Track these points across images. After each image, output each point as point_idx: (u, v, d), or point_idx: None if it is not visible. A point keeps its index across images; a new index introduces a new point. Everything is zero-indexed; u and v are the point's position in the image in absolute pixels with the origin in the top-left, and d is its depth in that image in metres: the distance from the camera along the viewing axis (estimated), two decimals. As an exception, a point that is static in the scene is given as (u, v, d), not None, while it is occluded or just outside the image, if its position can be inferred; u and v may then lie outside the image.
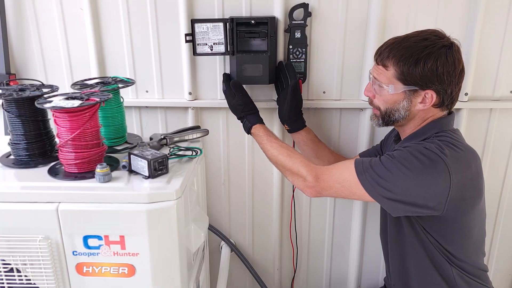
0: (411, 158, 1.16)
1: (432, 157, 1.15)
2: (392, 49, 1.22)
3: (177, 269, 1.14)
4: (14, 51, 1.66)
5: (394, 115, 1.27)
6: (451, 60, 1.19)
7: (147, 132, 1.75)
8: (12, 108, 1.22)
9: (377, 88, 1.28)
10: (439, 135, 1.24)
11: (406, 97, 1.23)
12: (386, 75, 1.23)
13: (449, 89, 1.21)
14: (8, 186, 1.14)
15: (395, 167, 1.17)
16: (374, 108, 1.32)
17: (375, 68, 1.28)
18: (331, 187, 1.25)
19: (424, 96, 1.22)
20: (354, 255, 1.89)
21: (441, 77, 1.19)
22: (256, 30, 1.52)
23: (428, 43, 1.19)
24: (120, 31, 1.61)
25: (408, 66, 1.19)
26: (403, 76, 1.20)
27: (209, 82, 1.66)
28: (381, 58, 1.24)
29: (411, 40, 1.21)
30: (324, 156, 1.63)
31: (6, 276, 1.11)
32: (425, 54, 1.18)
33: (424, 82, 1.19)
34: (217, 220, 1.88)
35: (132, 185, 1.12)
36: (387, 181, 1.17)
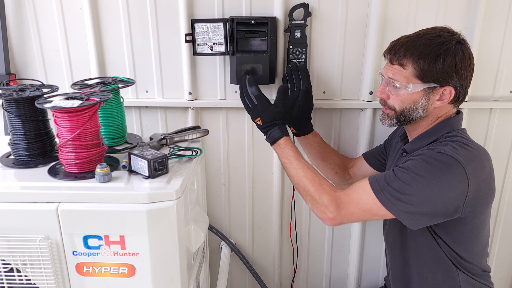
0: (426, 166, 1.15)
1: (448, 161, 1.14)
2: (408, 47, 1.20)
3: (177, 269, 1.14)
4: (14, 51, 1.66)
5: (412, 114, 1.24)
6: (467, 55, 1.20)
7: (147, 132, 1.75)
8: (12, 108, 1.22)
9: (392, 89, 1.25)
10: (450, 135, 1.23)
11: (424, 95, 1.21)
12: (404, 74, 1.21)
13: (465, 84, 1.22)
14: (8, 186, 1.14)
15: (412, 179, 1.15)
16: (388, 108, 1.29)
17: (389, 68, 1.25)
18: (352, 214, 1.22)
19: (442, 93, 1.21)
20: (354, 255, 1.89)
21: (459, 72, 1.19)
22: (256, 30, 1.52)
23: (443, 40, 1.18)
24: (120, 31, 1.61)
25: (428, 63, 1.17)
26: (423, 74, 1.19)
27: (209, 82, 1.66)
28: (397, 57, 1.21)
29: (425, 37, 1.20)
30: (330, 159, 1.63)
31: (6, 276, 1.11)
32: (443, 50, 1.17)
33: (444, 78, 1.19)
34: (217, 220, 1.88)
35: (132, 185, 1.12)
36: (407, 195, 1.15)
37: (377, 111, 1.67)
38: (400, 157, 1.38)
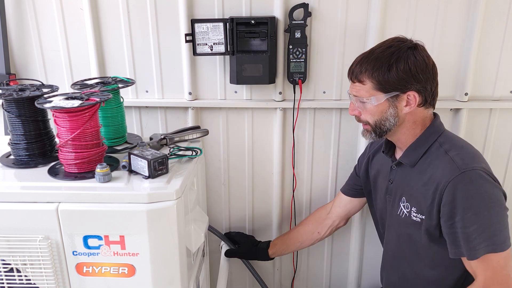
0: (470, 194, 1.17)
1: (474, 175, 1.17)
2: (362, 64, 1.24)
3: (177, 269, 1.14)
4: (14, 51, 1.66)
5: (385, 125, 1.26)
6: (420, 58, 1.22)
7: (147, 132, 1.75)
8: (12, 108, 1.22)
9: (360, 105, 1.28)
10: (442, 141, 1.26)
11: (390, 104, 1.24)
12: (365, 89, 1.24)
13: (427, 85, 1.23)
14: (8, 186, 1.14)
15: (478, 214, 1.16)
16: (364, 124, 1.31)
17: (352, 87, 1.28)
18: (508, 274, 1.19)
19: (407, 99, 1.23)
20: (354, 255, 1.89)
21: (416, 76, 1.21)
22: (256, 30, 1.52)
23: (393, 50, 1.22)
24: (120, 31, 1.61)
25: (382, 74, 1.21)
26: (381, 85, 1.22)
27: (209, 82, 1.66)
28: (355, 75, 1.26)
29: (377, 51, 1.24)
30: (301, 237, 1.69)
31: (6, 276, 1.11)
32: (394, 59, 1.20)
33: (402, 85, 1.21)
34: (217, 220, 1.88)
35: (132, 185, 1.12)
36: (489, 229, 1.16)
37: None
38: (390, 170, 1.38)
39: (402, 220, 1.33)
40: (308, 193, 1.83)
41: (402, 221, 1.33)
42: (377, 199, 1.48)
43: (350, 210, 1.65)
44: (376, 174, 1.47)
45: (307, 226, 1.69)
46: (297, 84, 1.60)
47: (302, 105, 1.65)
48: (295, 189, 1.79)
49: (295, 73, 1.59)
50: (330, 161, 1.77)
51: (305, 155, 1.76)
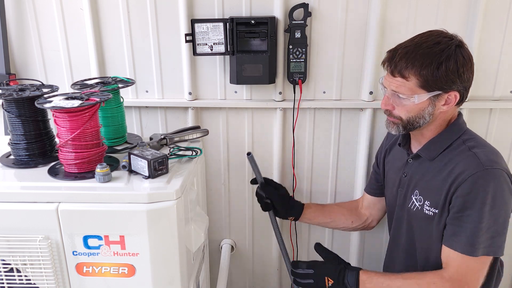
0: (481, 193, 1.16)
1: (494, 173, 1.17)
2: (408, 58, 1.18)
3: (177, 269, 1.14)
4: (14, 51, 1.66)
5: (419, 122, 1.24)
6: (467, 57, 1.20)
7: (147, 132, 1.75)
8: (12, 108, 1.22)
9: (397, 100, 1.23)
10: (466, 138, 1.25)
11: (430, 103, 1.21)
12: (408, 86, 1.19)
13: (467, 85, 1.23)
14: (8, 186, 1.15)
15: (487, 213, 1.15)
16: (393, 118, 1.27)
17: (391, 81, 1.22)
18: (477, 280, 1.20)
19: (447, 98, 1.21)
20: (354, 255, 1.89)
21: (462, 76, 1.19)
22: (256, 30, 1.52)
23: (443, 46, 1.17)
24: (120, 31, 1.61)
25: (431, 72, 1.16)
26: (427, 83, 1.17)
27: (209, 82, 1.66)
28: (398, 69, 1.19)
29: (424, 46, 1.18)
30: (338, 217, 1.61)
31: (6, 276, 1.11)
32: (444, 58, 1.16)
33: (448, 85, 1.18)
34: (217, 220, 1.88)
35: (132, 185, 1.12)
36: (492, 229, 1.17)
37: (377, 111, 1.67)
38: (406, 164, 1.36)
39: (413, 213, 1.32)
40: (308, 193, 1.83)
41: (413, 214, 1.32)
42: (388, 193, 1.48)
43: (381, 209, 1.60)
44: (389, 169, 1.47)
45: (344, 210, 1.63)
46: (297, 84, 1.60)
47: (302, 105, 1.65)
48: (295, 189, 1.79)
49: (295, 73, 1.59)
50: (330, 161, 1.77)
51: (305, 155, 1.76)
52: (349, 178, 1.78)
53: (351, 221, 1.61)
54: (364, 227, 1.64)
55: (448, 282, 1.20)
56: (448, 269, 1.21)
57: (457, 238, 1.20)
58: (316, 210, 1.59)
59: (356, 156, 1.75)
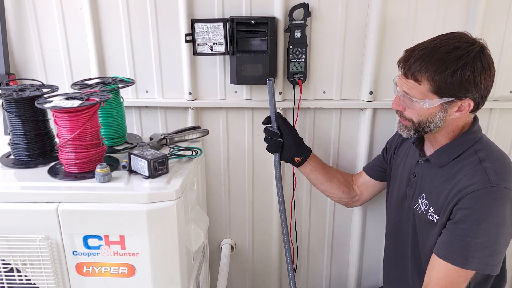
0: (483, 209, 1.14)
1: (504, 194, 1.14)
2: (423, 62, 1.15)
3: (177, 269, 1.14)
4: (14, 51, 1.66)
5: (429, 126, 1.21)
6: (487, 66, 1.15)
7: (147, 132, 1.75)
8: (12, 108, 1.22)
9: (408, 102, 1.21)
10: (478, 148, 1.22)
11: (442, 108, 1.18)
12: (420, 89, 1.17)
13: (484, 94, 1.18)
14: (8, 186, 1.14)
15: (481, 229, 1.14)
16: (405, 120, 1.26)
17: (404, 82, 1.20)
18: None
19: (461, 105, 1.18)
20: (354, 255, 1.89)
21: (478, 85, 1.14)
22: (256, 30, 1.52)
23: (461, 53, 1.13)
24: (120, 31, 1.61)
25: (445, 79, 1.13)
26: (440, 90, 1.15)
27: (209, 82, 1.66)
28: (411, 72, 1.16)
29: (442, 50, 1.14)
30: (335, 178, 1.61)
31: (6, 276, 1.11)
32: (461, 65, 1.12)
33: (462, 92, 1.15)
34: (217, 220, 1.88)
35: (132, 185, 1.12)
36: (489, 246, 1.15)
37: (377, 111, 1.67)
38: (416, 164, 1.36)
39: (418, 215, 1.32)
40: (308, 193, 1.83)
41: (417, 216, 1.33)
42: (395, 188, 1.46)
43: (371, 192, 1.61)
44: (400, 163, 1.45)
45: (340, 177, 1.62)
46: (297, 84, 1.60)
47: (302, 105, 1.65)
48: (295, 189, 1.79)
49: (295, 73, 1.59)
50: (330, 161, 1.77)
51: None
52: (349, 178, 1.78)
53: (342, 191, 1.61)
54: (347, 203, 1.64)
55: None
56: (431, 283, 1.21)
57: (449, 248, 1.18)
58: (320, 162, 1.58)
59: (356, 156, 1.75)
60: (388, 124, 1.68)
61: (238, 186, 1.83)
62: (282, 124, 1.46)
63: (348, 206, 1.69)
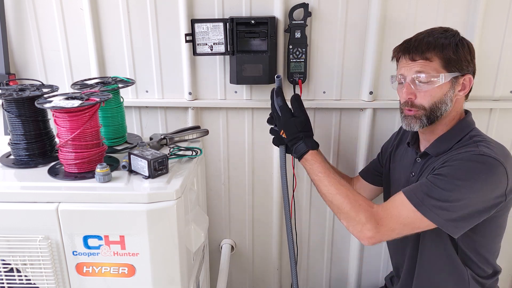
0: (469, 170, 1.13)
1: (491, 162, 1.12)
2: (428, 42, 1.21)
3: (177, 269, 1.14)
4: (14, 51, 1.66)
5: (441, 108, 1.22)
6: (471, 44, 1.25)
7: (147, 132, 1.75)
8: (12, 108, 1.22)
9: (419, 86, 1.22)
10: (473, 134, 1.24)
11: (451, 86, 1.22)
12: (432, 66, 1.20)
13: (475, 71, 1.26)
14: (8, 186, 1.14)
15: (454, 185, 1.12)
16: (416, 109, 1.24)
17: (412, 65, 1.22)
18: (393, 230, 1.17)
19: (463, 83, 1.23)
20: (354, 255, 1.89)
21: (472, 60, 1.24)
22: (256, 30, 1.52)
23: (453, 32, 1.23)
24: (120, 31, 1.61)
25: (452, 52, 1.19)
26: (449, 63, 1.20)
27: (209, 82, 1.66)
28: (420, 51, 1.21)
29: (436, 32, 1.23)
30: None
31: (6, 276, 1.11)
32: (458, 40, 1.21)
33: (465, 66, 1.22)
34: (217, 220, 1.88)
35: (132, 185, 1.12)
36: (450, 203, 1.12)
37: (377, 111, 1.67)
38: (414, 163, 1.36)
39: None
40: (308, 193, 1.83)
41: None
42: (393, 192, 1.44)
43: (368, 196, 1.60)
44: (396, 166, 1.45)
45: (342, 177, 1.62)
46: (297, 84, 1.60)
47: (302, 105, 1.65)
48: (295, 189, 1.79)
49: (295, 73, 1.59)
50: (330, 161, 1.77)
51: None
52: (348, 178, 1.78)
53: None
54: None
55: (370, 212, 1.19)
56: (382, 204, 1.21)
57: (415, 188, 1.17)
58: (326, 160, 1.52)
59: (356, 156, 1.75)
60: (388, 124, 1.68)
61: (238, 186, 1.83)
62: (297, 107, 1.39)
63: None
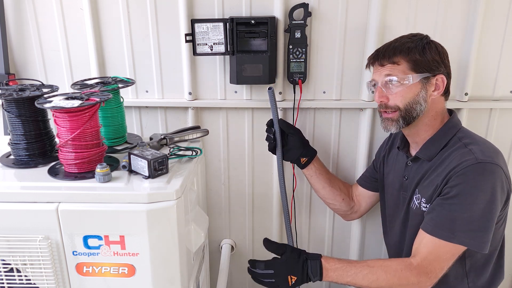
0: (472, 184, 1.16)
1: (490, 168, 1.16)
2: (395, 47, 1.27)
3: (177, 269, 1.14)
4: (14, 51, 1.66)
5: (416, 108, 1.26)
6: (443, 48, 1.30)
7: (147, 132, 1.75)
8: (12, 108, 1.22)
9: (390, 88, 1.27)
10: (461, 136, 1.27)
11: (422, 86, 1.25)
12: (400, 68, 1.25)
13: (450, 73, 1.30)
14: (8, 186, 1.14)
15: (468, 205, 1.16)
16: (391, 111, 1.28)
17: (382, 70, 1.28)
18: (442, 269, 1.19)
19: (436, 83, 1.26)
20: (354, 255, 1.89)
21: (444, 61, 1.28)
22: (256, 30, 1.52)
23: (420, 37, 1.28)
24: (120, 31, 1.61)
25: (418, 55, 1.24)
26: (416, 65, 1.24)
27: (209, 82, 1.66)
28: (387, 57, 1.27)
29: (404, 38, 1.29)
30: (337, 185, 1.62)
31: (6, 276, 1.11)
32: (425, 43, 1.26)
33: (435, 66, 1.25)
34: (217, 220, 1.88)
35: (132, 185, 1.12)
36: (477, 222, 1.16)
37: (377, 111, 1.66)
38: (406, 166, 1.37)
39: (414, 213, 1.33)
40: (308, 193, 1.83)
41: (414, 214, 1.33)
42: (388, 196, 1.48)
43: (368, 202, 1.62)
44: (390, 171, 1.47)
45: (341, 184, 1.63)
46: (297, 84, 1.60)
47: (302, 105, 1.65)
48: (295, 189, 1.79)
49: (295, 73, 1.59)
50: (330, 161, 1.77)
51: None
52: (349, 178, 1.78)
53: (342, 198, 1.61)
54: (345, 213, 1.64)
55: (416, 269, 1.19)
56: (417, 256, 1.21)
57: (436, 223, 1.19)
58: (324, 166, 1.61)
59: (356, 156, 1.75)
60: (388, 124, 1.68)
61: (238, 186, 1.83)
62: (286, 128, 1.50)
63: (346, 218, 1.69)
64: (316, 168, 1.58)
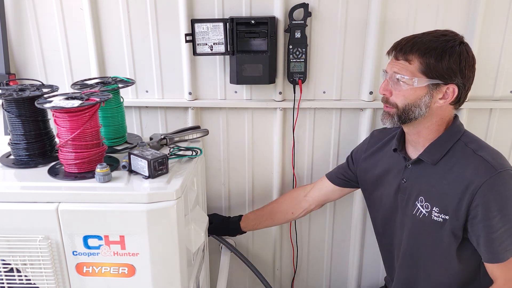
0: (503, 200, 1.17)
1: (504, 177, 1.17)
2: (414, 43, 1.20)
3: (177, 269, 1.13)
4: (14, 51, 1.66)
5: (414, 111, 1.22)
6: (471, 56, 1.21)
7: (147, 132, 1.75)
8: (12, 108, 1.22)
9: (395, 85, 1.23)
10: (466, 141, 1.25)
11: (428, 92, 1.20)
12: (409, 68, 1.20)
13: (467, 84, 1.22)
14: (8, 186, 1.14)
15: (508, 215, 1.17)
16: (389, 106, 1.26)
17: (394, 64, 1.23)
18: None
19: (445, 92, 1.20)
20: (354, 255, 1.89)
21: (463, 71, 1.19)
22: (256, 30, 1.52)
23: (449, 38, 1.19)
24: (120, 31, 1.61)
25: (434, 59, 1.17)
26: (429, 69, 1.18)
27: (209, 82, 1.66)
28: (403, 52, 1.21)
29: (431, 35, 1.21)
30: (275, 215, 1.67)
31: (6, 276, 1.11)
32: (449, 47, 1.17)
33: (449, 75, 1.18)
34: (217, 220, 1.88)
35: (132, 185, 1.12)
36: None
37: (377, 111, 1.67)
38: (404, 169, 1.34)
39: (419, 220, 1.30)
40: (308, 193, 1.83)
41: (419, 221, 1.30)
42: (383, 198, 1.43)
43: (330, 197, 1.63)
44: (383, 173, 1.42)
45: (282, 205, 1.67)
46: (297, 84, 1.60)
47: (302, 105, 1.65)
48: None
49: (295, 73, 1.59)
50: (330, 161, 1.77)
51: (305, 155, 1.76)
52: (349, 178, 1.78)
53: (291, 213, 1.65)
54: (306, 213, 1.66)
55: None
56: (497, 282, 1.22)
57: (490, 250, 1.19)
58: (255, 219, 1.68)
59: (356, 156, 1.75)
60: (388, 124, 1.68)
61: (238, 186, 1.83)
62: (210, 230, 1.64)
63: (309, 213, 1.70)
64: (251, 227, 1.68)
